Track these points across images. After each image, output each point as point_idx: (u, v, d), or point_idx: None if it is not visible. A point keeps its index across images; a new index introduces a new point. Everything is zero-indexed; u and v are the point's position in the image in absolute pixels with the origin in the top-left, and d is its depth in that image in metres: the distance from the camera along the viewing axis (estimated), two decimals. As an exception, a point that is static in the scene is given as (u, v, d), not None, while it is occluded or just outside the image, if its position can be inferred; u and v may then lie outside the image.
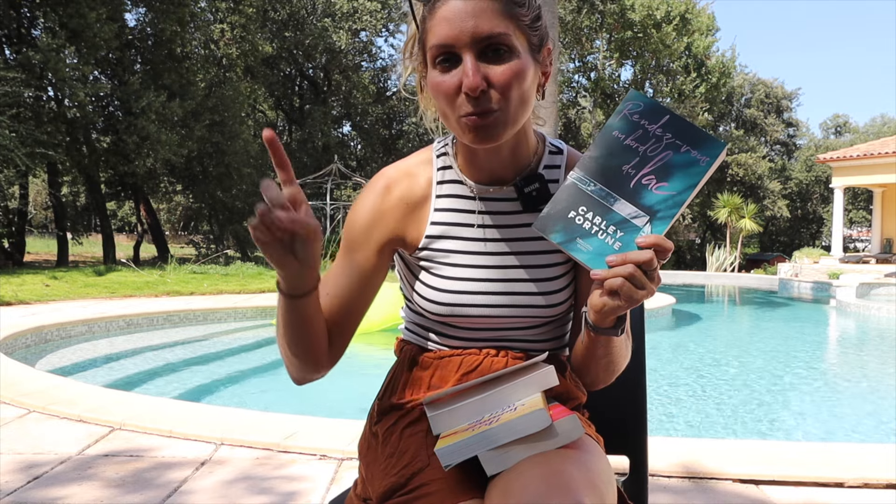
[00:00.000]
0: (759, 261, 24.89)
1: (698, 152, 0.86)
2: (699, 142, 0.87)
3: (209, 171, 19.89)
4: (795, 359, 7.30)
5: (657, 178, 0.87)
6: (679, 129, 0.88)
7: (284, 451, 2.75)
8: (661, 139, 0.88)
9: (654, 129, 0.89)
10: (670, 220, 0.85)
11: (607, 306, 0.86)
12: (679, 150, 0.87)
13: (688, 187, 0.86)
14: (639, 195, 0.87)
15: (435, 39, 0.90)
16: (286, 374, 1.04)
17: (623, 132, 0.89)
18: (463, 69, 0.89)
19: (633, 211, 0.87)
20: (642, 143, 0.89)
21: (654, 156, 0.88)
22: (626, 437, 1.25)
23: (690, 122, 0.88)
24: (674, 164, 0.87)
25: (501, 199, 1.04)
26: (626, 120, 0.90)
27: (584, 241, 0.87)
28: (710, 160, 0.86)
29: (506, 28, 0.89)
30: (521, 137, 1.01)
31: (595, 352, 0.97)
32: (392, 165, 1.08)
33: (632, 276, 0.82)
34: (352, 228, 1.05)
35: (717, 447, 2.83)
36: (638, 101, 0.90)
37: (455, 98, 0.91)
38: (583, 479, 0.80)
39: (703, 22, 25.49)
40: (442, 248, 1.03)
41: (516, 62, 0.90)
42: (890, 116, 42.93)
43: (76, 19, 14.10)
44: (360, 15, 24.82)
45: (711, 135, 0.87)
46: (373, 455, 1.03)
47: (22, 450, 2.79)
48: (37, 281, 10.41)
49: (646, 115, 0.89)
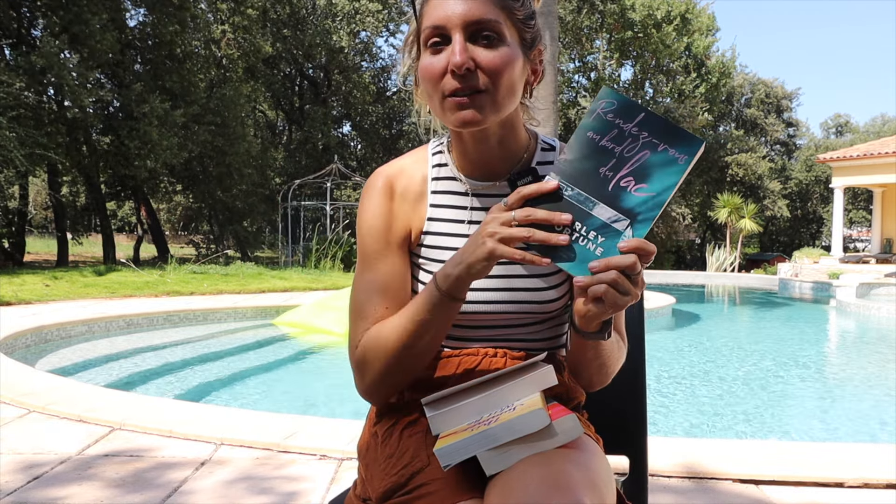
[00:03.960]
0: (759, 261, 24.90)
1: (676, 150, 0.84)
2: (676, 139, 0.84)
3: (209, 172, 19.88)
4: (795, 359, 7.30)
5: (636, 180, 0.85)
6: (655, 126, 0.85)
7: (284, 451, 2.75)
8: (638, 138, 0.86)
9: (630, 127, 0.86)
10: (651, 222, 0.84)
11: (591, 312, 0.86)
12: (656, 150, 0.85)
13: (667, 187, 0.84)
14: (618, 198, 0.85)
15: (427, 21, 0.93)
16: (286, 374, 1.04)
17: (598, 132, 0.87)
18: (450, 49, 0.90)
19: (613, 215, 0.85)
20: (618, 144, 0.86)
21: (632, 156, 0.85)
22: (625, 437, 1.25)
23: (666, 119, 0.86)
24: (652, 163, 0.85)
25: (495, 195, 1.04)
26: (601, 119, 0.87)
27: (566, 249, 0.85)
28: (688, 158, 0.84)
29: (497, 16, 0.91)
30: (510, 130, 1.01)
31: (585, 355, 0.99)
32: (387, 165, 1.08)
33: (615, 282, 0.82)
34: (369, 236, 1.04)
35: (717, 447, 2.83)
36: (611, 98, 0.87)
37: (441, 78, 0.92)
38: (582, 479, 0.80)
39: (704, 22, 25.48)
40: (437, 244, 1.04)
41: (506, 50, 0.91)
42: (890, 116, 42.90)
43: (77, 25, 14.08)
44: (361, 16, 24.82)
45: (688, 132, 0.85)
46: (372, 455, 1.03)
47: (22, 450, 2.79)
48: (37, 281, 10.41)
49: (620, 113, 0.87)
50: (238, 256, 20.60)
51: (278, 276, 12.57)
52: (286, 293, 10.50)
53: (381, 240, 1.03)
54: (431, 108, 0.98)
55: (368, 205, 1.05)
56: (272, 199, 22.58)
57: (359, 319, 1.02)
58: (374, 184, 1.06)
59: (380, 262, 1.03)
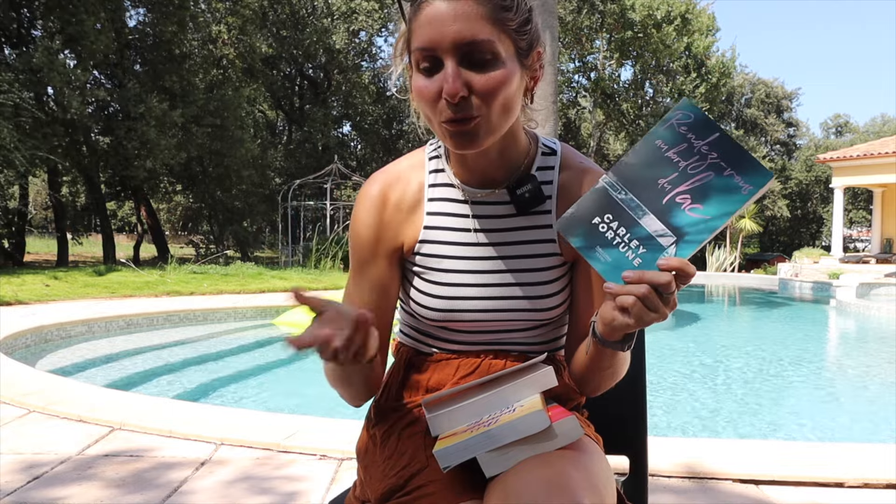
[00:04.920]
0: (759, 261, 24.89)
1: (742, 178, 0.80)
2: (745, 168, 0.81)
3: (209, 172, 19.89)
4: (795, 359, 7.29)
5: (692, 199, 0.81)
6: (727, 149, 0.82)
7: (284, 451, 2.75)
8: (706, 157, 0.82)
9: (701, 145, 0.82)
10: (697, 245, 0.80)
11: (616, 321, 0.83)
12: (722, 173, 0.81)
13: (723, 214, 0.80)
14: (670, 213, 0.82)
15: (417, 42, 0.89)
16: (286, 374, 1.05)
17: (667, 142, 0.84)
18: (444, 75, 0.87)
19: (661, 229, 0.82)
20: (685, 158, 0.83)
21: (695, 174, 0.82)
22: (626, 437, 1.24)
23: (740, 145, 0.82)
24: (714, 186, 0.81)
25: (494, 203, 1.02)
26: (673, 130, 0.84)
27: (604, 250, 0.83)
28: (753, 189, 0.80)
29: (490, 34, 0.87)
30: (510, 140, 0.99)
31: (601, 363, 0.96)
32: (382, 170, 1.07)
33: (645, 297, 0.79)
34: (358, 245, 1.04)
35: (717, 447, 2.83)
36: (689, 111, 0.84)
37: (436, 103, 0.89)
38: (582, 480, 0.80)
39: (704, 22, 25.47)
40: (434, 252, 1.03)
41: (500, 71, 0.88)
42: (890, 116, 42.91)
43: (74, 25, 14.07)
44: (358, 15, 24.82)
45: (759, 162, 0.81)
46: (371, 457, 1.03)
47: (22, 450, 2.79)
48: (37, 281, 10.40)
49: (694, 128, 0.83)
50: (238, 256, 20.60)
51: (278, 276, 12.57)
52: (286, 293, 10.47)
53: (368, 250, 1.04)
54: (429, 127, 0.96)
55: (361, 214, 1.04)
56: (272, 199, 22.58)
57: None
58: (368, 192, 1.04)
59: (366, 269, 1.04)
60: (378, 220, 1.03)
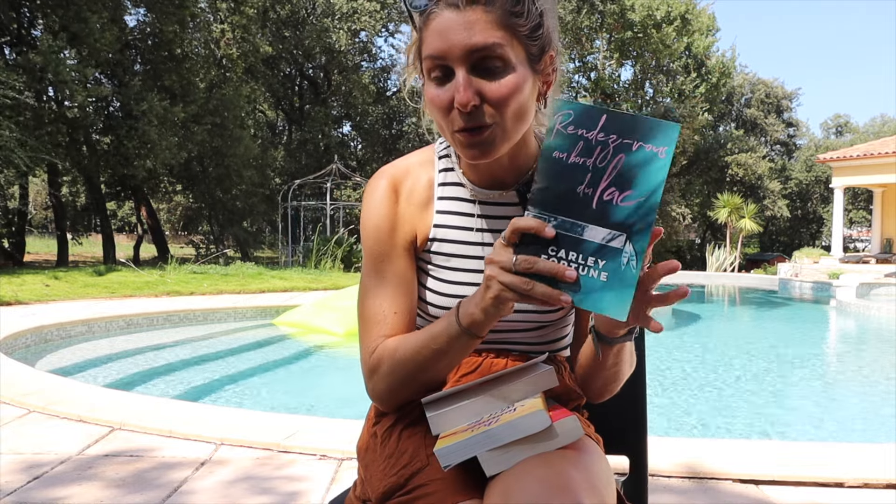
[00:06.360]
0: (759, 261, 24.88)
1: (652, 144, 0.77)
2: (649, 132, 0.77)
3: (209, 172, 19.90)
4: (795, 359, 7.30)
5: (619, 189, 0.77)
6: (622, 125, 0.78)
7: (284, 451, 2.75)
8: (607, 144, 0.78)
9: (595, 135, 0.78)
10: (649, 229, 0.76)
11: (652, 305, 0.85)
12: (631, 150, 0.77)
13: (655, 187, 0.76)
14: (606, 214, 0.78)
15: (428, 51, 0.88)
16: (286, 374, 1.05)
17: (563, 150, 0.80)
18: (455, 84, 0.87)
19: (607, 233, 0.77)
20: (588, 156, 0.79)
21: (606, 165, 0.78)
22: (626, 437, 1.25)
23: (632, 114, 0.78)
24: (630, 166, 0.77)
25: (503, 204, 1.03)
26: (562, 135, 0.80)
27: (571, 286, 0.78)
28: (668, 148, 0.76)
29: (501, 39, 0.86)
30: (521, 144, 0.99)
31: (605, 362, 0.96)
32: (391, 164, 1.06)
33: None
34: (376, 238, 1.02)
35: (717, 447, 2.83)
36: (566, 109, 0.80)
37: (449, 112, 0.89)
38: (582, 481, 0.80)
39: (704, 22, 25.48)
40: (443, 251, 1.03)
41: (511, 77, 0.87)
42: (890, 116, 42.95)
43: (77, 23, 14.07)
44: (359, 15, 24.82)
45: (658, 120, 0.77)
46: (372, 456, 1.03)
47: (22, 450, 2.79)
48: (37, 281, 10.40)
49: (580, 122, 0.79)
50: (238, 256, 20.60)
51: (278, 276, 12.57)
52: (286, 293, 10.50)
53: (387, 242, 1.01)
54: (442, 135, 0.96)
55: (373, 206, 1.03)
56: (272, 199, 22.59)
57: (371, 324, 1.01)
58: (378, 184, 1.04)
59: (386, 264, 1.01)
60: (393, 210, 1.02)
